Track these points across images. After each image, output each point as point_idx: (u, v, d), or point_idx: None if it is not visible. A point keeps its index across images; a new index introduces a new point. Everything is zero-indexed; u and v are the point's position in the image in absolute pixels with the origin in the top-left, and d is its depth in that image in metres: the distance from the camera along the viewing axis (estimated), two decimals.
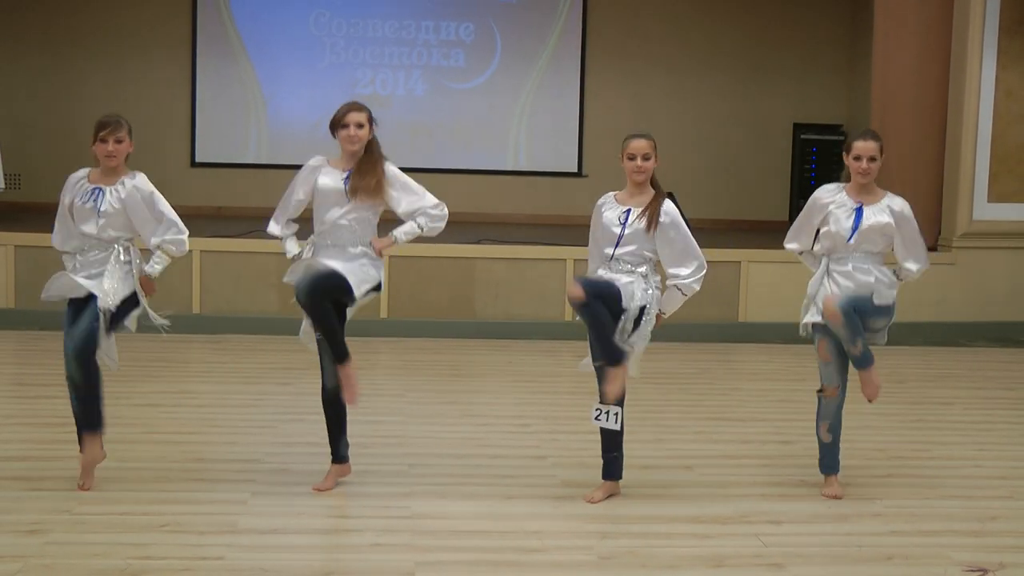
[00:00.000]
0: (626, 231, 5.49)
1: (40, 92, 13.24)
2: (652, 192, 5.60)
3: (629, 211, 5.53)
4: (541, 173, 13.89)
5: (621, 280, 5.48)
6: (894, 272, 5.72)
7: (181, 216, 5.64)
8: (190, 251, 9.99)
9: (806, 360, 9.24)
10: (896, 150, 10.54)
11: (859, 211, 5.62)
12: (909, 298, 6.83)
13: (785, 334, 10.19)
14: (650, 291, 5.55)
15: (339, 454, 5.66)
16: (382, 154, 5.54)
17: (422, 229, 5.60)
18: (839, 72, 13.89)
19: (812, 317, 5.68)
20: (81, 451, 5.46)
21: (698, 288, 5.63)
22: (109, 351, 5.45)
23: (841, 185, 5.74)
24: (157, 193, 5.54)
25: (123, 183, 5.47)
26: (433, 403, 7.64)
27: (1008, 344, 10.34)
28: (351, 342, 5.49)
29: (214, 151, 13.58)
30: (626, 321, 5.47)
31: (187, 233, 5.59)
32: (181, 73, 13.50)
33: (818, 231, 5.77)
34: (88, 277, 5.37)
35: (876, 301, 5.59)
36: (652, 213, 5.50)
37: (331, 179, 5.49)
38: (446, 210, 5.64)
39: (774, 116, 13.78)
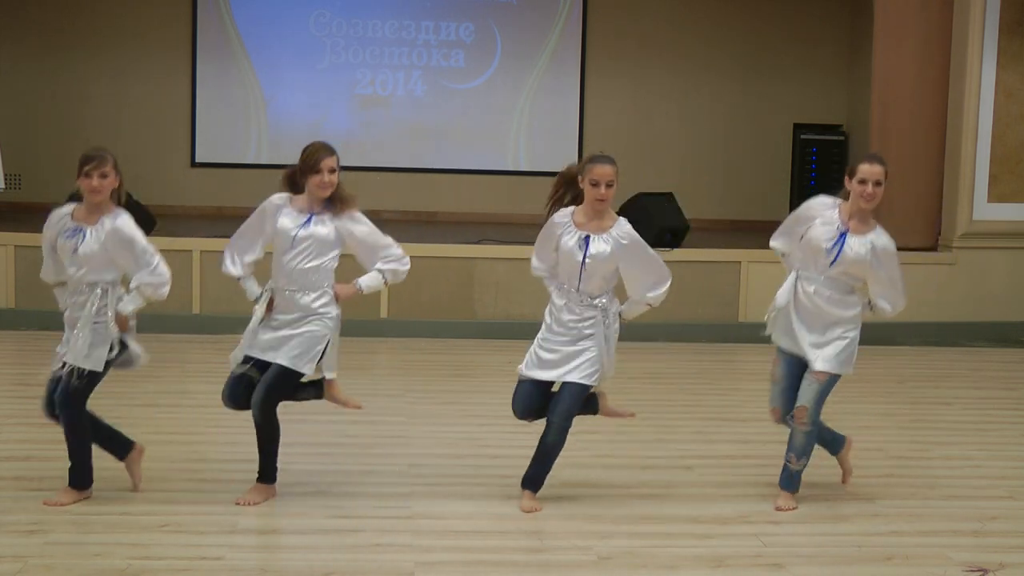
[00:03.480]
0: (588, 261, 5.37)
1: (41, 92, 13.23)
2: (612, 216, 5.45)
3: (588, 237, 5.40)
4: (541, 173, 13.84)
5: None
6: (868, 303, 5.56)
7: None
8: (190, 251, 10.13)
9: None
10: (896, 150, 10.54)
11: (843, 237, 5.41)
12: (909, 298, 6.80)
13: None
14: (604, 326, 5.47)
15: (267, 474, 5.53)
16: (349, 196, 5.41)
17: (386, 281, 5.50)
18: (839, 72, 13.88)
19: (777, 339, 5.57)
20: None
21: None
22: (136, 362, 5.42)
23: (837, 201, 5.51)
24: (138, 235, 5.25)
25: (102, 223, 5.20)
26: (433, 403, 7.64)
27: (1008, 344, 10.34)
28: (351, 343, 5.49)
29: (214, 151, 13.57)
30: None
31: (168, 276, 5.28)
32: (181, 73, 13.50)
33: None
34: (70, 327, 5.29)
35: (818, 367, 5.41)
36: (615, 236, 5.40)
37: (291, 220, 5.35)
38: (409, 261, 5.54)
39: (774, 116, 13.77)
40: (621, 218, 5.48)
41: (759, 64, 13.79)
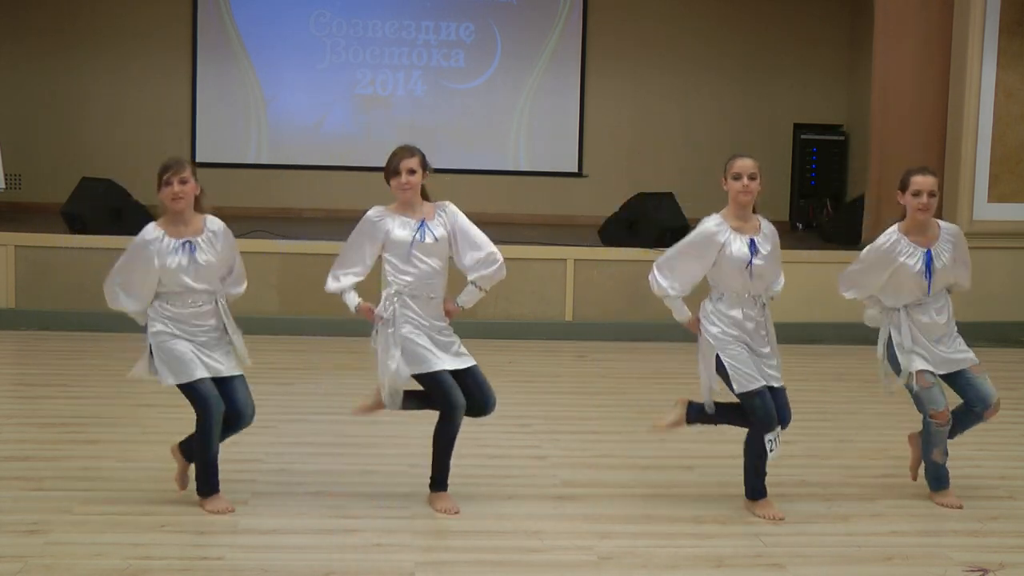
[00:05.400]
0: (756, 263, 5.40)
1: (41, 92, 13.23)
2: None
3: (753, 240, 5.43)
4: (541, 173, 13.88)
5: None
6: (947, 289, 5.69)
7: None
8: None
9: (806, 360, 9.25)
10: (896, 151, 10.54)
11: (928, 256, 5.50)
12: None
13: (785, 334, 10.16)
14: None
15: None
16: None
17: (484, 292, 5.62)
18: (839, 72, 13.89)
19: (919, 365, 5.63)
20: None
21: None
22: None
23: (898, 230, 5.56)
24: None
25: (214, 233, 5.32)
26: None
27: (1008, 344, 10.33)
28: (352, 343, 5.48)
29: (214, 151, 13.57)
30: None
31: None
32: (182, 73, 13.50)
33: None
34: (206, 346, 5.30)
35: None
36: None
37: (406, 229, 5.31)
38: (503, 265, 5.58)
39: (774, 116, 13.77)
40: (757, 215, 5.55)
41: (759, 64, 13.80)
